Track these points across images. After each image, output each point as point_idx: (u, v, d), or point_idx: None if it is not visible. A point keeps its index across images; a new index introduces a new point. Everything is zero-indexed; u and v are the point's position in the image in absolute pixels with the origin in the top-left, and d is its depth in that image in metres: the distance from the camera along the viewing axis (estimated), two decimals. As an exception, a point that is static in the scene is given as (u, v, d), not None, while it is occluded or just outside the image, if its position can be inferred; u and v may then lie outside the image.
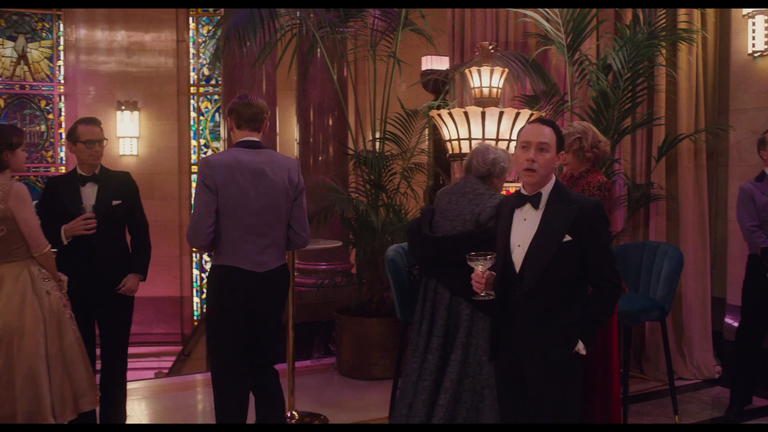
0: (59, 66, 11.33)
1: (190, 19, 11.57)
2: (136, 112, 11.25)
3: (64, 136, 10.35)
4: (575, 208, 2.88)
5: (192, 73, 11.65)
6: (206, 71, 11.64)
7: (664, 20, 5.62)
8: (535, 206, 2.96)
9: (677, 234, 5.94)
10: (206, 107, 11.70)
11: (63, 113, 11.30)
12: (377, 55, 6.06)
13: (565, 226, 2.87)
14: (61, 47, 11.30)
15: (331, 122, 8.35)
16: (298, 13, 5.25)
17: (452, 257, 3.88)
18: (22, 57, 11.21)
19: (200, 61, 11.66)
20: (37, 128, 11.27)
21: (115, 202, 4.17)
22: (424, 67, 7.27)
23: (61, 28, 11.25)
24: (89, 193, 4.14)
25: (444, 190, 4.20)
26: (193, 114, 11.62)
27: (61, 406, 3.49)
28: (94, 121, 4.21)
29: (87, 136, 4.13)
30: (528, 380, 2.97)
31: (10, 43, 11.15)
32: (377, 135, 6.23)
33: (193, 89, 11.65)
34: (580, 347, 2.88)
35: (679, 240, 5.90)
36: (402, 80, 6.04)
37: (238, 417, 3.73)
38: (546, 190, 2.97)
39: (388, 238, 5.92)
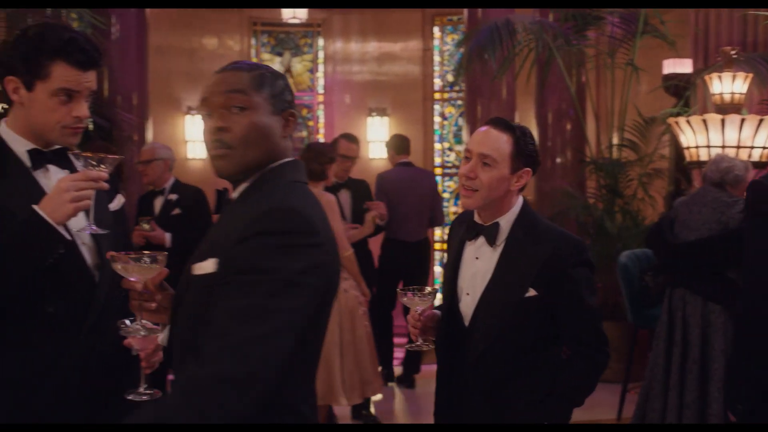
0: (318, 77, 12.41)
1: (435, 28, 12.13)
2: (385, 118, 11.98)
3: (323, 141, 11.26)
4: (547, 249, 2.10)
5: (436, 80, 12.19)
6: (450, 78, 12.13)
7: None
8: (491, 242, 2.16)
9: None
10: (450, 112, 12.18)
11: (321, 120, 12.37)
12: (615, 62, 6.13)
13: (529, 274, 2.09)
14: (320, 60, 12.36)
15: (569, 127, 8.44)
16: (535, 28, 5.51)
17: (701, 265, 3.95)
18: (288, 71, 12.44)
19: (444, 68, 12.18)
20: (299, 135, 12.43)
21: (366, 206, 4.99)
22: (665, 71, 7.14)
23: (320, 43, 12.31)
24: (345, 199, 4.78)
25: (682, 200, 4.26)
26: (437, 119, 12.14)
27: (351, 390, 4.01)
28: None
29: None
30: None
31: (277, 59, 12.42)
32: (614, 141, 6.29)
33: (437, 95, 12.18)
34: None
35: None
36: (642, 84, 6.06)
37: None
38: (506, 221, 2.16)
39: (620, 245, 5.98)
